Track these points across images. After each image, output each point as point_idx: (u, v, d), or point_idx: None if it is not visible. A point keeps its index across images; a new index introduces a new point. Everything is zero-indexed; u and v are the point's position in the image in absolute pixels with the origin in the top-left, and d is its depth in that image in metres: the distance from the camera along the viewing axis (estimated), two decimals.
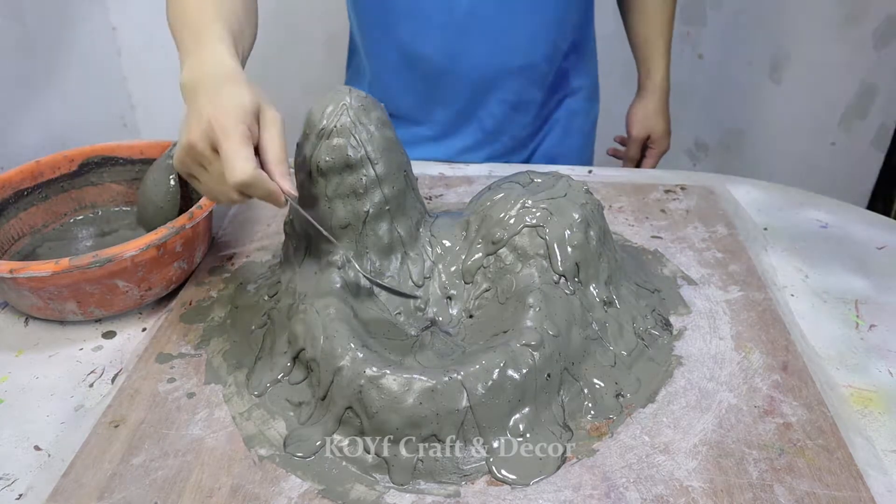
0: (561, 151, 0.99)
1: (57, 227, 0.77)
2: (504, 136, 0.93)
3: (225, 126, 0.50)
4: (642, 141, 1.02)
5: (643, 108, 1.00)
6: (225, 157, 0.50)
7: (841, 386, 0.57)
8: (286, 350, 0.57)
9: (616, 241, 0.70)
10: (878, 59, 1.50)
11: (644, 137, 1.01)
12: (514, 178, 0.64)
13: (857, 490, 0.47)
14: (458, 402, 0.49)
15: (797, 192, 0.87)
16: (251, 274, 0.70)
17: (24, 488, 0.49)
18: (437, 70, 0.86)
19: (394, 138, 0.60)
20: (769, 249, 0.75)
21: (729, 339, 0.61)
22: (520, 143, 0.96)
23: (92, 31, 1.35)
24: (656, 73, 0.98)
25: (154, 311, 0.67)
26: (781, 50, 1.52)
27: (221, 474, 0.49)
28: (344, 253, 0.58)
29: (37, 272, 0.57)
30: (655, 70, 0.98)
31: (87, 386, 0.58)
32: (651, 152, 1.03)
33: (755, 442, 0.51)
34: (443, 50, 0.84)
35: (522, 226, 0.59)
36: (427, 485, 0.48)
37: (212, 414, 0.54)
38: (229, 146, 0.49)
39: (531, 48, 0.86)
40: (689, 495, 0.47)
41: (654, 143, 1.02)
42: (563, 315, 0.55)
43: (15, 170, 0.73)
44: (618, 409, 0.54)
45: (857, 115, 1.58)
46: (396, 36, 0.85)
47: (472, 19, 0.82)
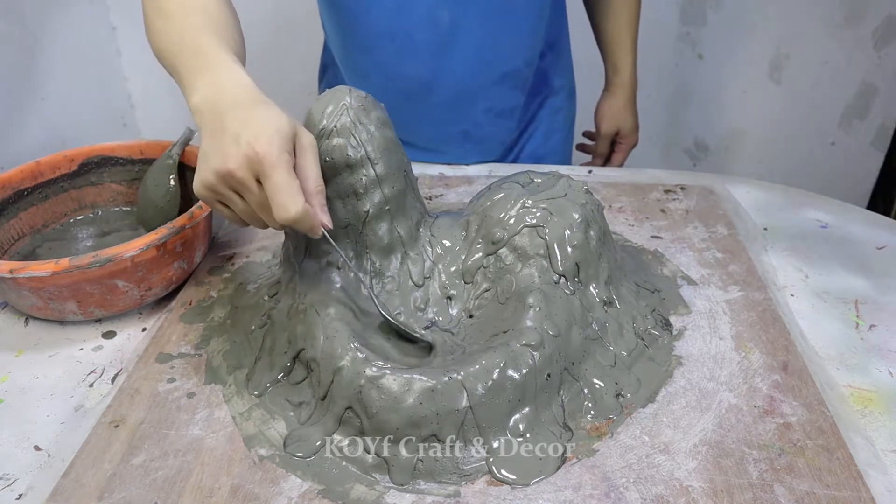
0: (546, 151, 0.99)
1: (57, 227, 0.77)
2: (491, 143, 0.93)
3: (270, 155, 0.47)
4: (611, 136, 1.03)
5: (611, 104, 1.01)
6: (275, 191, 0.47)
7: (841, 386, 0.57)
8: (286, 350, 0.57)
9: (616, 241, 0.70)
10: (878, 59, 1.50)
11: (613, 133, 1.03)
12: (514, 178, 0.64)
13: (857, 490, 0.47)
14: (458, 402, 0.49)
15: (797, 192, 0.87)
16: (251, 274, 0.70)
17: (24, 488, 0.49)
18: (420, 87, 0.85)
19: (394, 138, 0.60)
20: (769, 249, 0.75)
21: (729, 339, 0.61)
22: (506, 147, 0.96)
23: (92, 31, 1.36)
24: (624, 69, 0.99)
25: (154, 311, 0.67)
26: (781, 50, 1.52)
27: (221, 474, 0.49)
28: (367, 289, 0.58)
29: (37, 272, 0.57)
30: (623, 66, 0.99)
31: (87, 386, 0.58)
32: (620, 147, 1.04)
33: (755, 442, 0.51)
34: (426, 66, 0.83)
35: (522, 226, 0.59)
36: (427, 485, 0.48)
37: (212, 414, 0.54)
38: (279, 179, 0.47)
39: (512, 55, 0.86)
40: (689, 495, 0.47)
41: (623, 139, 1.03)
42: (563, 315, 0.55)
43: (15, 170, 0.73)
44: (618, 409, 0.54)
45: (857, 115, 1.58)
46: (378, 56, 0.84)
47: (455, 34, 0.81)
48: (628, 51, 0.98)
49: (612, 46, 0.99)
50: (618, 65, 0.99)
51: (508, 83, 0.87)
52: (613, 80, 1.01)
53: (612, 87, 1.01)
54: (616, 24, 0.97)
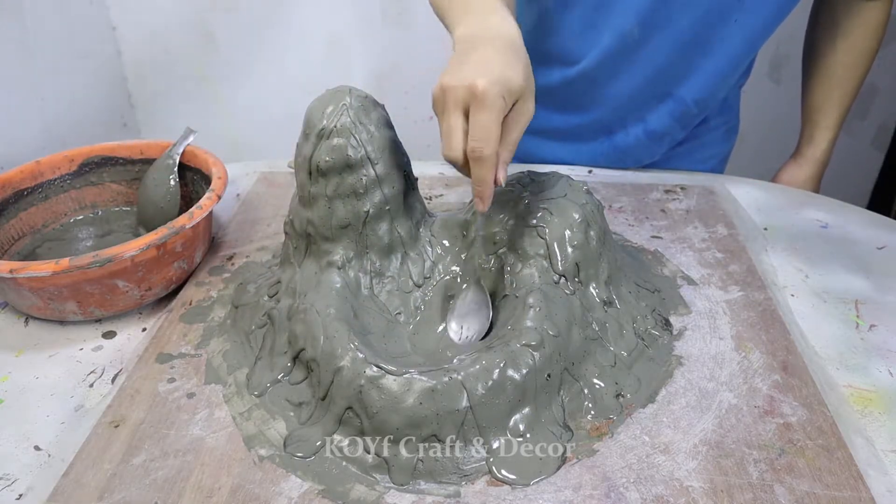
0: None
1: (57, 227, 0.77)
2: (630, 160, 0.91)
3: (487, 94, 0.48)
4: None
5: (794, 174, 0.93)
6: (476, 127, 0.49)
7: (841, 386, 0.57)
8: (286, 350, 0.57)
9: (616, 241, 0.70)
10: (878, 59, 1.50)
11: None
12: (514, 178, 0.64)
13: (858, 490, 0.47)
14: (458, 402, 0.49)
15: (797, 192, 0.87)
16: (251, 274, 0.70)
17: (24, 488, 0.49)
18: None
19: (394, 138, 0.60)
20: (769, 249, 0.75)
21: (729, 339, 0.61)
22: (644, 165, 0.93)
23: (92, 31, 1.36)
24: (819, 143, 0.91)
25: (154, 311, 0.67)
26: (781, 50, 1.52)
27: (221, 474, 0.49)
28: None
29: (37, 272, 0.57)
30: (820, 140, 0.90)
31: (87, 386, 0.58)
32: None
33: (755, 442, 0.51)
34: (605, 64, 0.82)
35: (522, 226, 0.59)
36: (427, 485, 0.48)
37: (212, 414, 0.54)
38: (485, 118, 0.48)
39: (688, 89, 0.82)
40: (689, 495, 0.47)
41: None
42: (563, 315, 0.55)
43: (15, 170, 0.73)
44: (618, 409, 0.54)
45: (857, 115, 1.58)
46: None
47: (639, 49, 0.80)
48: (832, 125, 0.89)
49: (815, 115, 0.90)
50: (815, 136, 0.90)
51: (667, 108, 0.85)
52: (804, 151, 0.92)
53: (801, 157, 0.92)
54: (828, 94, 0.88)
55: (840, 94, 0.88)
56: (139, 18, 1.40)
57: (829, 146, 0.91)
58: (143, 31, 1.41)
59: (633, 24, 0.78)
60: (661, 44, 0.79)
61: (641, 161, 0.92)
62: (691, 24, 0.77)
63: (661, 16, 0.76)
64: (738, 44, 0.79)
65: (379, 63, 1.54)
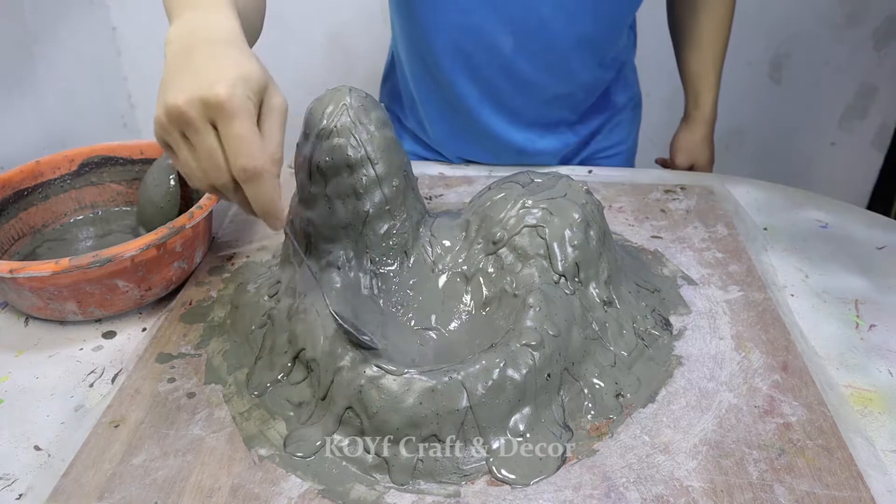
0: (611, 160, 1.00)
1: (57, 227, 0.77)
2: (545, 157, 0.94)
3: (231, 99, 0.41)
4: (685, 169, 1.01)
5: (689, 137, 0.99)
6: (233, 139, 0.42)
7: (841, 386, 0.57)
8: (286, 350, 0.57)
9: (616, 241, 0.70)
10: (878, 59, 1.50)
11: (688, 166, 1.01)
12: (513, 178, 0.64)
13: (858, 490, 0.47)
14: (458, 402, 0.49)
15: (797, 192, 0.87)
16: (251, 274, 0.70)
17: (24, 488, 0.49)
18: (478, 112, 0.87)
19: (394, 138, 0.60)
20: (769, 249, 0.75)
21: (729, 339, 0.61)
22: (565, 159, 0.96)
23: (92, 31, 1.36)
24: (705, 104, 0.97)
25: (154, 311, 0.67)
26: (781, 50, 1.52)
27: (221, 474, 0.49)
28: (313, 273, 0.56)
29: (37, 272, 0.57)
30: (704, 101, 0.97)
31: (87, 386, 0.58)
32: None
33: (755, 442, 0.51)
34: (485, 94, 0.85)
35: (522, 226, 0.59)
36: (427, 485, 0.48)
37: (212, 414, 0.54)
38: (240, 127, 0.42)
39: (568, 83, 0.86)
40: (689, 495, 0.47)
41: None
42: (563, 315, 0.55)
43: (15, 170, 0.73)
44: (618, 409, 0.54)
45: (857, 116, 1.58)
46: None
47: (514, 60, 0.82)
48: (712, 86, 0.96)
49: (695, 80, 0.97)
50: (699, 99, 0.97)
51: (557, 104, 0.88)
52: (693, 114, 0.99)
53: (691, 120, 0.99)
54: (702, 60, 0.96)
55: (712, 58, 0.96)
56: (139, 19, 1.40)
57: (714, 105, 0.98)
58: (143, 31, 1.41)
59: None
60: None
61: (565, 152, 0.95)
62: None
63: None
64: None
65: (379, 63, 1.54)
